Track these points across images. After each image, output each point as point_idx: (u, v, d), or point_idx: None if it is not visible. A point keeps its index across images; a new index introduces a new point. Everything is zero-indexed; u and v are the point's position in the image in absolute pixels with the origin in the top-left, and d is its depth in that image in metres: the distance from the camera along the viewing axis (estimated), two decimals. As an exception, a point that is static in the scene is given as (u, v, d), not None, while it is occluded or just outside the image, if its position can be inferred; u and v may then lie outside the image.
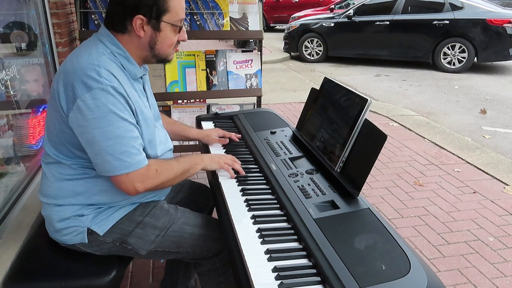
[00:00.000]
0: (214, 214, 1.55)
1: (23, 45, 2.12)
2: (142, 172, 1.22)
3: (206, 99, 3.06)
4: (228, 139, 1.79)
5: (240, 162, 1.52)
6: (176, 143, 2.89)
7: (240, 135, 1.83)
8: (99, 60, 1.18)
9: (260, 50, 2.88)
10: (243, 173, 1.48)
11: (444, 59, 7.75)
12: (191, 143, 2.83)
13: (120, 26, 1.24)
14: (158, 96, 2.74)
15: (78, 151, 1.24)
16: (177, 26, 1.29)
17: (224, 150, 1.73)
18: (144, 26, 1.23)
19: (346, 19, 8.54)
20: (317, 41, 8.94)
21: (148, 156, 1.31)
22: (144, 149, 1.28)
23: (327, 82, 1.69)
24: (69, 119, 1.18)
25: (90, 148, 1.19)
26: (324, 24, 8.81)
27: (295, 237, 1.13)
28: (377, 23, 8.24)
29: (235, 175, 1.48)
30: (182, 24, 1.31)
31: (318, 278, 0.97)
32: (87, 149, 1.20)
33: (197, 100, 3.07)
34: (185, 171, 1.38)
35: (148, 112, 1.33)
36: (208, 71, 2.79)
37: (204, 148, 1.80)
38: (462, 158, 3.75)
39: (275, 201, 1.33)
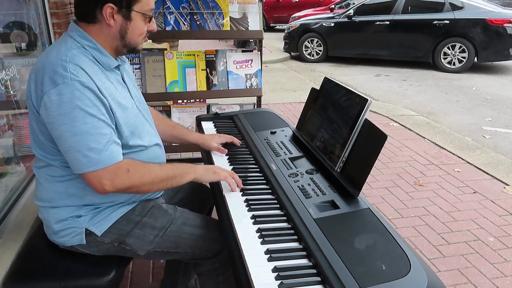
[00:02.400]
0: (214, 214, 1.54)
1: (23, 45, 2.12)
2: (111, 170, 1.18)
3: (206, 99, 3.06)
4: (226, 150, 1.70)
5: (239, 179, 1.41)
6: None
7: (240, 142, 1.78)
8: (67, 55, 1.17)
9: (260, 50, 2.88)
10: (241, 186, 1.40)
11: (444, 59, 7.74)
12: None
13: (90, 16, 1.23)
14: (158, 96, 2.74)
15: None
16: (147, 16, 1.28)
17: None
18: (114, 15, 1.22)
19: (346, 19, 8.54)
20: (317, 41, 8.93)
21: (133, 147, 1.29)
22: (126, 140, 1.27)
23: (327, 82, 1.69)
24: (40, 116, 1.17)
25: (59, 145, 1.18)
26: (324, 24, 8.81)
27: (295, 237, 1.13)
28: (377, 23, 8.23)
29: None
30: (152, 14, 1.30)
31: (318, 278, 0.97)
32: (58, 146, 1.19)
33: (197, 100, 3.07)
34: (169, 178, 1.32)
35: (128, 103, 1.30)
36: (208, 71, 2.78)
37: (205, 151, 1.77)
38: (462, 158, 3.75)
39: (275, 201, 1.32)
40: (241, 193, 1.37)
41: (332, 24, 8.70)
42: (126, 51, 1.32)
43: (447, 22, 7.54)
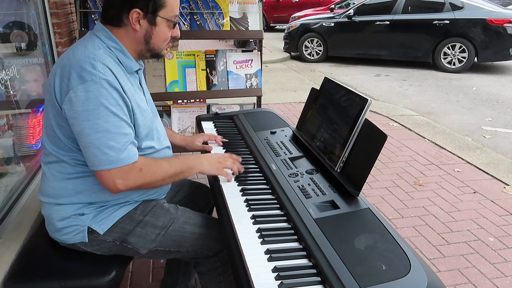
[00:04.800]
0: (214, 214, 1.55)
1: (23, 45, 2.12)
2: (125, 170, 1.21)
3: (206, 99, 3.06)
4: (211, 147, 1.73)
5: (240, 159, 1.51)
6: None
7: (225, 140, 1.79)
8: (94, 53, 1.19)
9: (260, 50, 2.88)
10: (242, 170, 1.47)
11: (444, 59, 7.74)
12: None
13: (116, 20, 1.25)
14: (158, 96, 2.74)
15: (75, 145, 1.24)
16: (172, 22, 1.30)
17: (224, 150, 1.73)
18: (140, 20, 1.25)
19: (346, 19, 8.54)
20: (317, 41, 8.94)
21: (145, 149, 1.31)
22: (141, 141, 1.29)
23: (327, 82, 1.69)
24: (63, 111, 1.18)
25: (79, 140, 1.19)
26: (324, 24, 8.81)
27: (295, 237, 1.13)
28: (377, 23, 8.23)
29: (236, 175, 1.47)
30: (176, 20, 1.32)
31: (318, 278, 0.97)
32: (78, 142, 1.20)
33: (197, 100, 3.07)
34: (177, 173, 1.35)
35: (145, 106, 1.33)
36: (208, 71, 2.79)
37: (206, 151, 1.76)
38: (462, 158, 3.75)
39: (275, 201, 1.32)
40: (241, 193, 1.37)
41: (332, 24, 8.70)
42: (149, 56, 1.35)
43: (447, 22, 7.54)
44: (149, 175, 1.27)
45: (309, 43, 9.03)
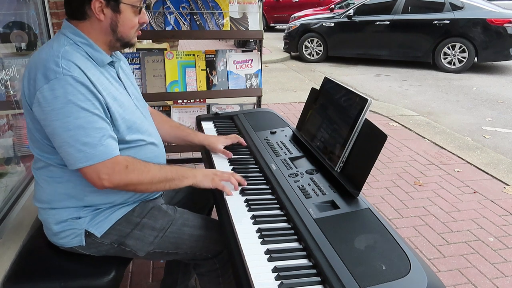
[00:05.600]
0: (214, 214, 1.54)
1: (23, 45, 2.11)
2: (108, 165, 1.18)
3: (206, 99, 3.06)
4: (231, 153, 1.67)
5: (240, 177, 1.40)
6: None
7: (245, 144, 1.74)
8: (59, 51, 1.17)
9: (260, 50, 2.88)
10: (245, 183, 1.39)
11: (444, 59, 7.74)
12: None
13: (80, 13, 1.23)
14: (158, 96, 2.75)
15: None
16: (137, 7, 1.28)
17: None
18: (103, 9, 1.22)
19: (346, 19, 8.54)
20: (317, 41, 8.94)
21: (131, 142, 1.29)
22: (122, 135, 1.26)
23: (327, 82, 1.69)
24: (33, 113, 1.17)
25: (53, 141, 1.17)
26: (324, 24, 8.81)
27: (295, 237, 1.13)
28: (377, 23, 8.24)
29: (238, 189, 1.41)
30: (141, 5, 1.30)
31: (318, 278, 0.97)
32: (53, 143, 1.18)
33: (197, 100, 3.07)
34: (168, 179, 1.31)
35: (124, 99, 1.30)
36: (208, 71, 2.79)
37: (205, 152, 1.76)
38: (462, 158, 3.75)
39: (275, 201, 1.32)
40: (241, 193, 1.37)
41: (332, 24, 8.70)
42: (119, 46, 1.32)
43: (447, 22, 7.54)
44: (135, 173, 1.23)
45: (309, 43, 9.03)
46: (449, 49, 7.64)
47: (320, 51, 8.99)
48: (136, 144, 1.33)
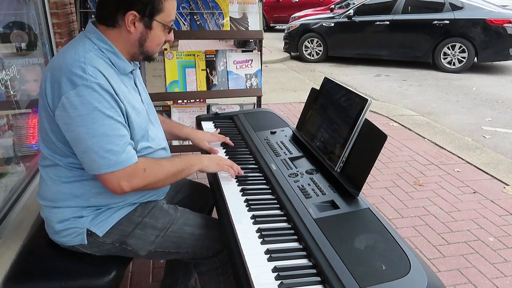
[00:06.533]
0: (214, 213, 1.55)
1: (23, 45, 2.12)
2: (129, 171, 1.20)
3: (206, 99, 3.06)
4: (218, 151, 1.71)
5: (238, 167, 1.49)
6: (176, 142, 2.89)
7: (232, 144, 1.77)
8: (85, 56, 1.18)
9: (260, 50, 2.88)
10: (242, 172, 1.48)
11: (444, 59, 7.74)
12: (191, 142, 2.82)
13: (111, 20, 1.23)
14: (158, 96, 2.74)
15: (70, 149, 1.23)
16: (167, 27, 1.30)
17: (224, 150, 1.73)
18: (136, 23, 1.23)
19: (346, 19, 8.54)
20: (317, 41, 8.93)
21: (141, 150, 1.30)
22: (136, 143, 1.28)
23: (327, 82, 1.69)
24: (55, 117, 1.17)
25: (75, 146, 1.18)
26: (324, 24, 8.81)
27: (295, 237, 1.13)
28: (377, 23, 8.23)
29: (236, 175, 1.47)
30: (172, 25, 1.32)
31: (318, 278, 0.97)
32: (73, 147, 1.19)
33: (197, 100, 3.07)
34: (179, 171, 1.35)
35: (140, 106, 1.32)
36: (208, 71, 2.79)
37: (206, 152, 1.76)
38: (462, 158, 3.75)
39: (275, 201, 1.33)
40: (241, 193, 1.37)
41: (332, 24, 8.70)
42: (142, 58, 1.34)
43: (447, 22, 7.54)
44: (153, 175, 1.27)
45: (309, 43, 9.03)
46: (449, 49, 7.64)
47: (320, 51, 8.98)
48: (146, 152, 1.35)
